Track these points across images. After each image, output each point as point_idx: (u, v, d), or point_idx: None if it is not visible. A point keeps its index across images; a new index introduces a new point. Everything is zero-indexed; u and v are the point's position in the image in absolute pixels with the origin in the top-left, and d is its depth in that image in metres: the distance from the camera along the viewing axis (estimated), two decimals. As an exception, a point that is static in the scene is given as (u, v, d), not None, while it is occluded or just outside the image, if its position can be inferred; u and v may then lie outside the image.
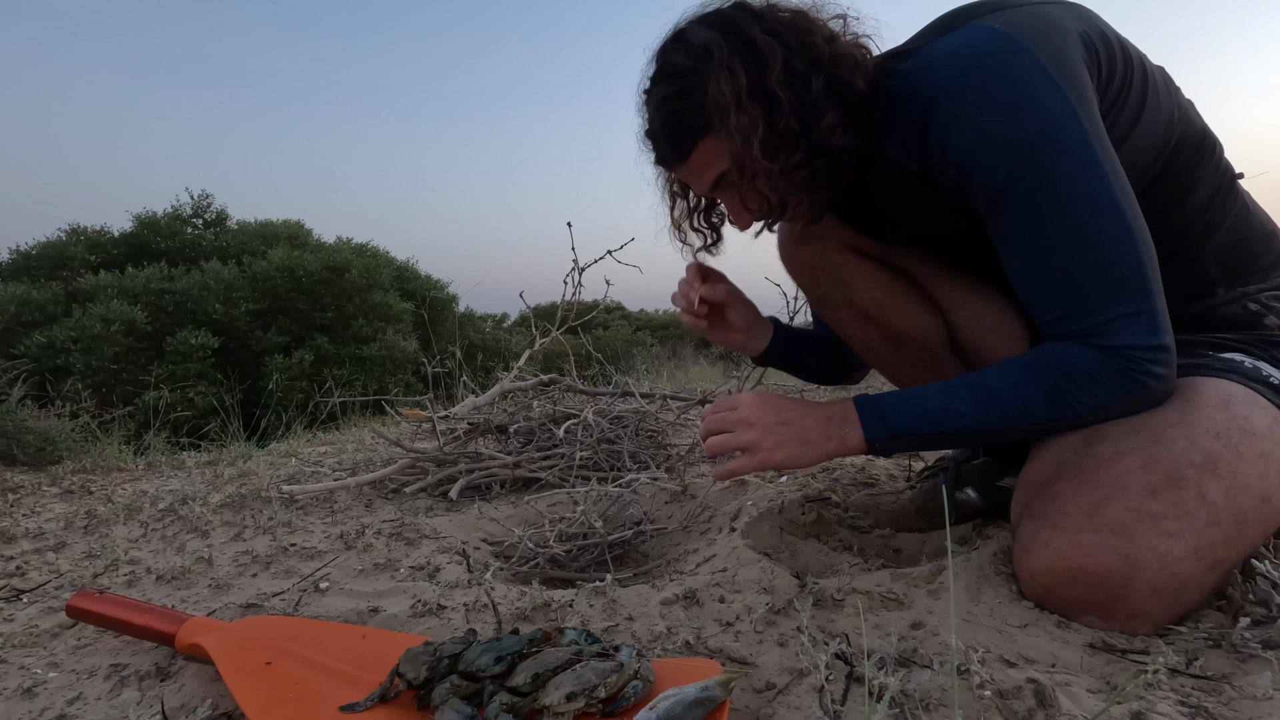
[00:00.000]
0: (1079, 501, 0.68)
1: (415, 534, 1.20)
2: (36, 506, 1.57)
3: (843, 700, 0.59)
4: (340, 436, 2.62)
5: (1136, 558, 0.64)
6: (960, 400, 0.75)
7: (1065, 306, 0.71)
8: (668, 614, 0.79)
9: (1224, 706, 0.55)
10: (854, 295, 0.97)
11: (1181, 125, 0.77)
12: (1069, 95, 0.67)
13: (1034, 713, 0.54)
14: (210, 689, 0.70)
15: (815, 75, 0.73)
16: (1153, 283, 0.68)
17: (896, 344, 0.99)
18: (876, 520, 1.09)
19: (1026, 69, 0.67)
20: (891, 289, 0.97)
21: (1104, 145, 0.69)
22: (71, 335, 7.79)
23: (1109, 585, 0.65)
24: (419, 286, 11.30)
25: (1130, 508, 0.65)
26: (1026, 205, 0.70)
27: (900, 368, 1.02)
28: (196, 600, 0.96)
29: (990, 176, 0.71)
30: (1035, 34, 0.69)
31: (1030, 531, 0.72)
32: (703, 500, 1.27)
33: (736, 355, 4.23)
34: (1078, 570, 0.66)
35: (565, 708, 0.55)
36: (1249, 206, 0.82)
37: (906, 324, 0.97)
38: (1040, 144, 0.67)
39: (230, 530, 1.29)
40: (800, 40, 0.74)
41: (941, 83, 0.72)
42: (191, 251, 10.59)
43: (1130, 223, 0.68)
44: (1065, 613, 0.69)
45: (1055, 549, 0.68)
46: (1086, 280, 0.69)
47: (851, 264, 0.96)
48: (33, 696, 0.71)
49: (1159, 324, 0.69)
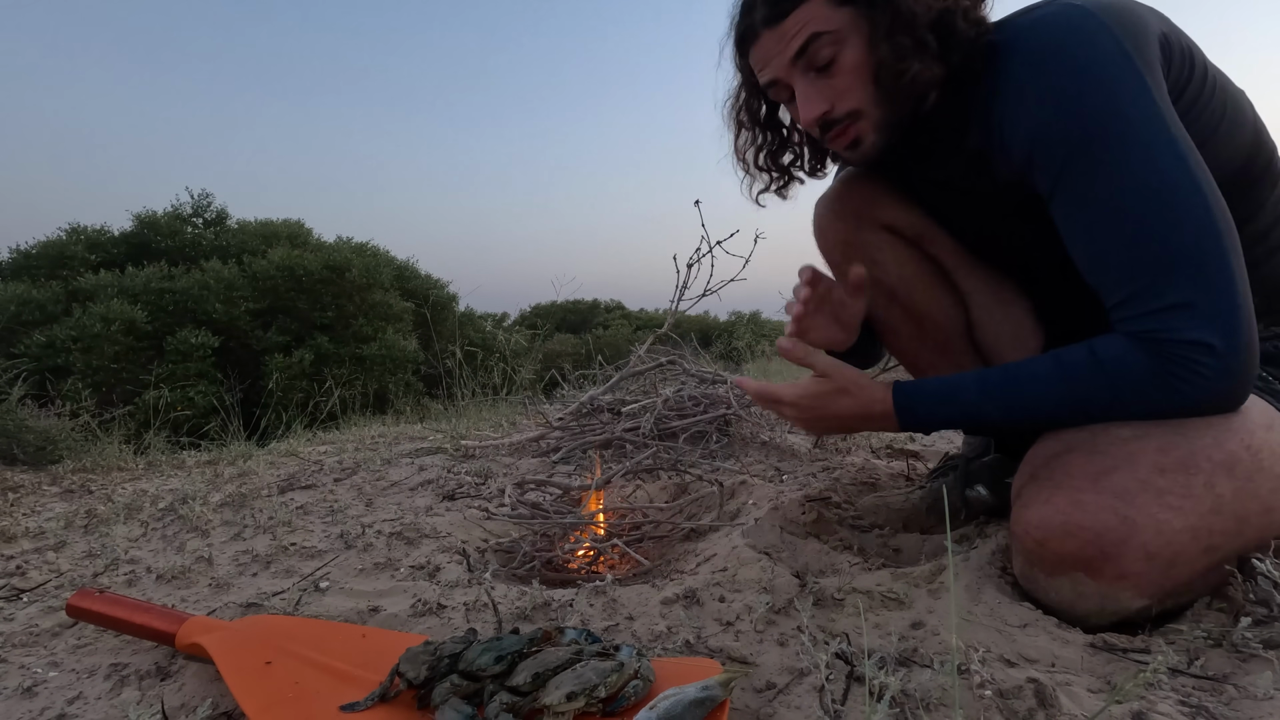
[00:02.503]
0: (1086, 468, 0.69)
1: (415, 533, 1.20)
2: (36, 506, 1.57)
3: (843, 700, 0.59)
4: (340, 436, 2.62)
5: (1135, 519, 0.65)
6: (993, 406, 0.75)
7: (1126, 288, 0.67)
8: (668, 613, 0.79)
9: (1225, 706, 0.55)
10: (882, 273, 0.98)
11: (1254, 149, 0.76)
12: (1143, 73, 0.66)
13: (1034, 712, 0.54)
14: (210, 688, 0.70)
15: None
16: (1227, 271, 0.64)
17: (918, 325, 1.00)
18: (887, 521, 1.09)
19: (1102, 43, 0.67)
20: (919, 271, 0.98)
21: (1179, 126, 0.66)
22: (71, 334, 7.80)
23: (1103, 543, 0.65)
24: (419, 286, 11.31)
25: (1137, 478, 0.66)
26: (1094, 177, 0.67)
27: (918, 352, 1.03)
28: (196, 599, 0.96)
29: (1055, 148, 0.69)
30: (1116, 14, 0.68)
31: (1033, 490, 0.72)
32: (704, 500, 1.27)
33: (736, 355, 4.22)
34: (1074, 525, 0.67)
35: (565, 707, 0.55)
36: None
37: (930, 306, 0.98)
38: (1109, 115, 0.66)
39: (230, 529, 1.29)
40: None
41: (1016, 53, 0.71)
42: (191, 251, 10.60)
43: (1208, 200, 0.64)
44: (1053, 570, 0.69)
45: (1055, 504, 0.69)
46: (1152, 259, 0.65)
47: (884, 241, 0.97)
48: (33, 696, 0.71)
49: (1224, 318, 0.63)
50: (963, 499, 1.02)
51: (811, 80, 0.79)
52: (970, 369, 0.99)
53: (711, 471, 1.50)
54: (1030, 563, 0.72)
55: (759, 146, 0.95)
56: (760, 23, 0.80)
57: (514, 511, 1.33)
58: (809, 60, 0.78)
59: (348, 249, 10.51)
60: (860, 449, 1.70)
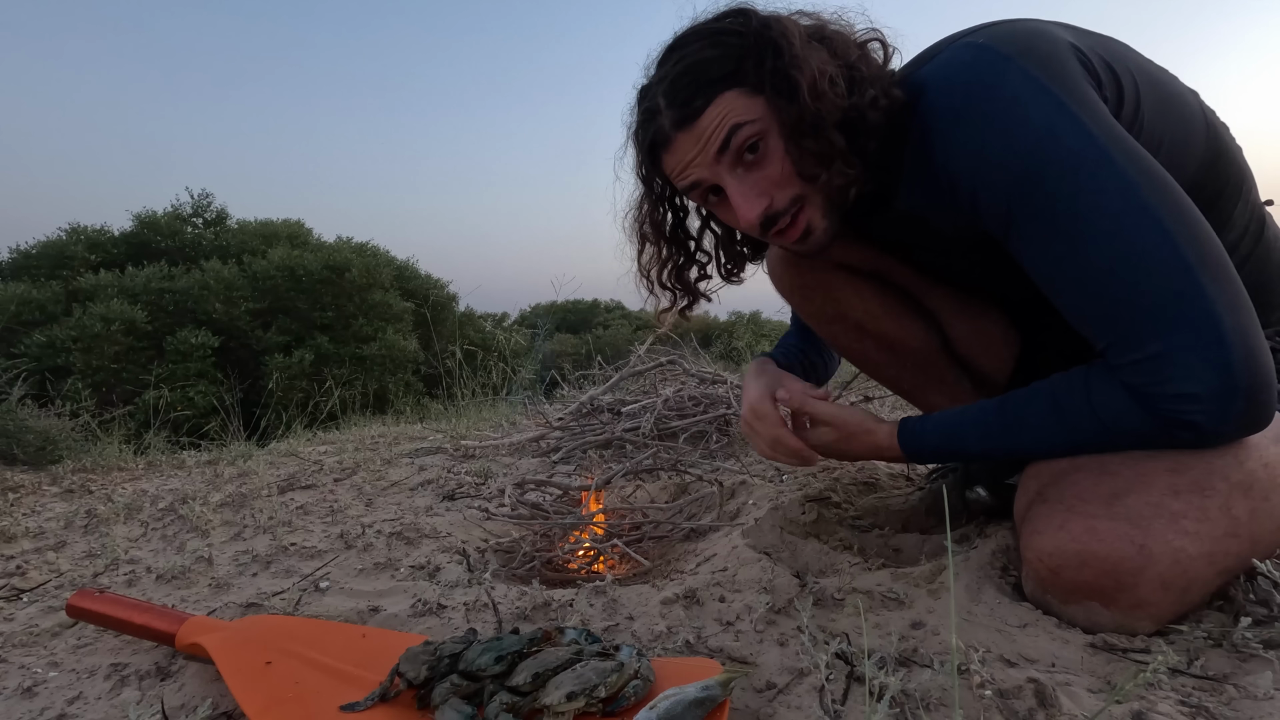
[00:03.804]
0: (1098, 490, 0.67)
1: (415, 533, 1.20)
2: (37, 506, 1.57)
3: (843, 700, 0.59)
4: (340, 436, 2.62)
5: (1151, 549, 0.63)
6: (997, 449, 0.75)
7: (1106, 337, 0.64)
8: (668, 613, 0.79)
9: (1225, 706, 0.55)
10: (846, 310, 0.97)
11: (1212, 156, 0.72)
12: (1063, 99, 0.62)
13: (1034, 712, 0.54)
14: (210, 688, 0.70)
15: (859, 70, 0.71)
16: (1204, 304, 0.58)
17: (893, 353, 0.99)
18: (887, 521, 1.09)
19: (1012, 79, 0.63)
20: (884, 301, 0.96)
21: (1121, 144, 0.61)
22: (72, 334, 7.81)
23: (1119, 573, 0.64)
24: (419, 286, 11.31)
25: (1151, 502, 0.64)
26: (1037, 225, 0.64)
27: (899, 378, 1.03)
28: (196, 599, 0.96)
29: (994, 198, 0.66)
30: (1019, 43, 0.65)
31: (1044, 514, 0.70)
32: (704, 500, 1.27)
33: (735, 355, 4.22)
34: (1089, 554, 0.65)
35: (565, 707, 0.55)
36: (1272, 244, 0.77)
37: (900, 334, 0.96)
38: (1036, 154, 0.62)
39: (230, 529, 1.29)
40: (843, 44, 0.73)
41: (929, 110, 0.69)
42: (191, 251, 10.62)
43: (1167, 228, 0.59)
44: (1067, 598, 0.68)
45: (1069, 531, 0.67)
46: (1122, 304, 0.61)
47: (841, 280, 0.95)
48: (33, 696, 0.71)
49: (1209, 359, 0.58)
50: (963, 501, 1.02)
51: (742, 177, 0.73)
52: (954, 384, 0.99)
53: (711, 471, 1.50)
54: (1043, 589, 0.71)
55: (663, 262, 0.89)
56: (671, 126, 0.73)
57: (514, 512, 1.33)
58: (735, 154, 0.72)
59: (348, 249, 10.52)
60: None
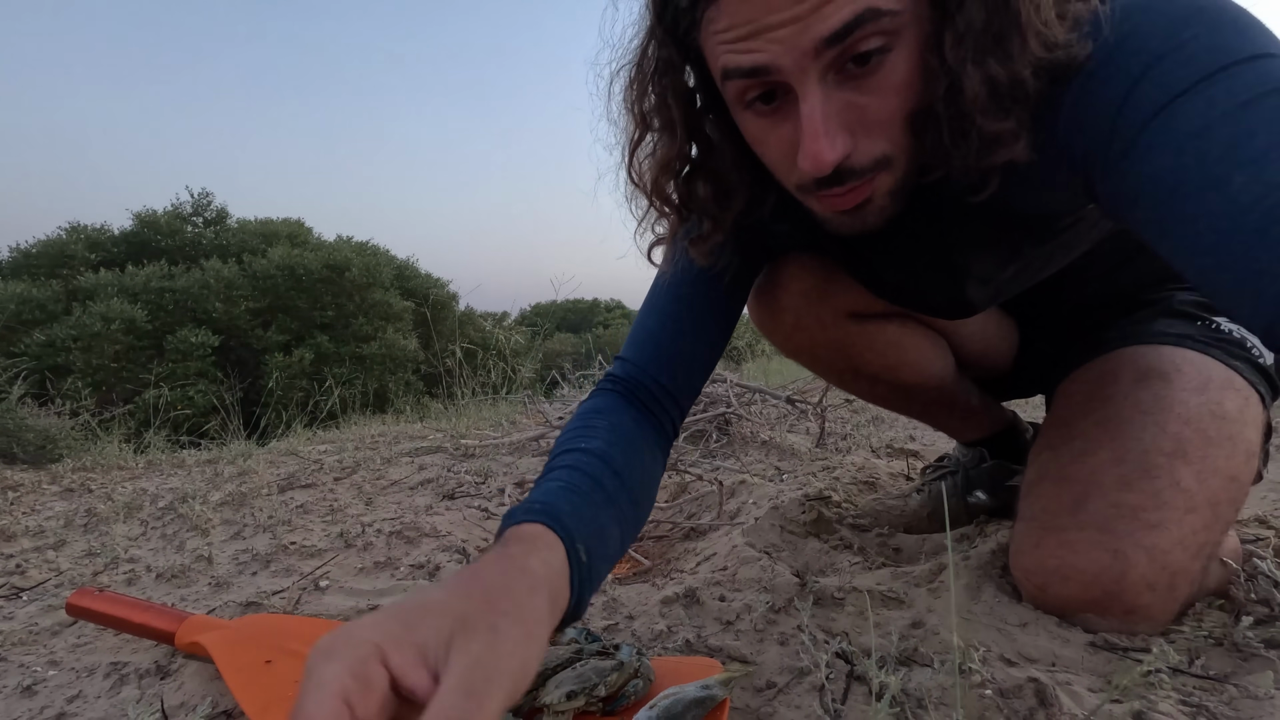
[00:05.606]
0: (1060, 500, 0.69)
1: (415, 532, 1.20)
2: (36, 504, 1.57)
3: (843, 699, 0.59)
4: (340, 435, 2.62)
5: (1125, 552, 0.63)
6: None
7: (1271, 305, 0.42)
8: (668, 612, 0.79)
9: (1225, 705, 0.55)
10: (860, 365, 0.90)
11: None
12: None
13: (1035, 711, 0.54)
14: (210, 687, 0.69)
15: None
16: None
17: (907, 395, 0.97)
18: (887, 522, 1.09)
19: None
20: (899, 347, 0.88)
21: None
22: (72, 333, 7.81)
23: (1102, 582, 0.65)
24: (419, 285, 11.31)
25: (1109, 502, 0.65)
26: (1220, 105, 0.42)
27: (910, 408, 1.03)
28: (196, 598, 0.96)
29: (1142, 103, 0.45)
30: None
31: (1021, 533, 0.72)
32: (704, 499, 1.27)
33: (736, 355, 4.22)
34: (1069, 569, 0.66)
35: (565, 706, 0.55)
36: None
37: (918, 377, 0.92)
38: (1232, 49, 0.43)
39: (230, 528, 1.29)
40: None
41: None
42: (191, 250, 10.62)
43: None
44: (1064, 612, 0.69)
45: (1045, 548, 0.68)
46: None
47: (853, 334, 0.86)
48: (32, 694, 0.71)
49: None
50: (964, 505, 1.03)
51: (830, 94, 0.48)
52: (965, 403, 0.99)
53: (711, 471, 1.49)
54: (1039, 606, 0.71)
55: (683, 161, 0.61)
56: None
57: (514, 510, 1.33)
58: (842, 54, 0.47)
59: (348, 248, 10.52)
60: (860, 449, 1.70)
